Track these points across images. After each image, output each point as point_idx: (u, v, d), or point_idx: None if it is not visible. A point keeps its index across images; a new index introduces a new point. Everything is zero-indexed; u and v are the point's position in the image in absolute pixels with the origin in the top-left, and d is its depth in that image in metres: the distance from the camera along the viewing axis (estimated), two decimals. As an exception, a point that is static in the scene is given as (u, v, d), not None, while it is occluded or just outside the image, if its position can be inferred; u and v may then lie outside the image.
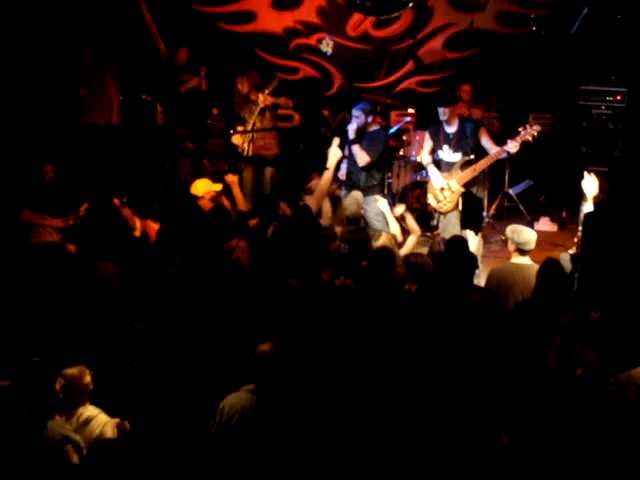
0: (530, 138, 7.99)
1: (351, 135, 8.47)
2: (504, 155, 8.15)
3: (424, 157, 8.70)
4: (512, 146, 7.97)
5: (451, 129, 8.35)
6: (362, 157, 8.46)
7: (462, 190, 8.25)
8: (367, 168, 8.51)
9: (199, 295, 6.03)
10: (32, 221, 7.95)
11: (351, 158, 8.66)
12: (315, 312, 5.81)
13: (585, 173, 6.92)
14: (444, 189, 8.32)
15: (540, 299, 5.83)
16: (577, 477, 4.53)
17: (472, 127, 8.31)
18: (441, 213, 8.44)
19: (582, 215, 6.68)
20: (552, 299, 5.71)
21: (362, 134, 8.50)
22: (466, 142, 8.26)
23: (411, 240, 7.65)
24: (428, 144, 8.63)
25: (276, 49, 12.08)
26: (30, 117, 9.83)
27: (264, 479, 4.56)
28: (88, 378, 4.93)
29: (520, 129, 8.02)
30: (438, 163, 8.51)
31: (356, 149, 8.47)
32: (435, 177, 8.41)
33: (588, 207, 6.78)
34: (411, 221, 7.90)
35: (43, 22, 10.35)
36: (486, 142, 8.24)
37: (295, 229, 7.09)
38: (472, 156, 8.24)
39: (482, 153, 8.23)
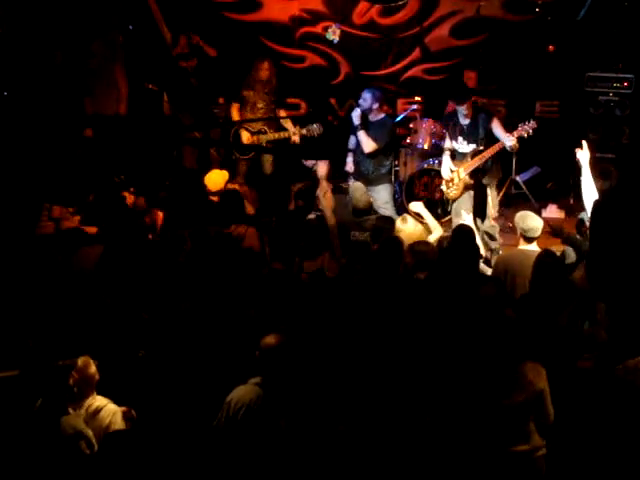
0: (525, 134, 8.14)
1: (356, 121, 8.50)
2: (505, 146, 8.17)
3: (446, 142, 8.65)
4: (509, 140, 8.02)
5: (467, 121, 8.38)
6: (368, 143, 8.49)
7: (467, 177, 8.36)
8: (374, 156, 8.54)
9: (206, 285, 6.04)
10: (63, 217, 7.93)
11: (358, 148, 8.68)
12: (323, 303, 5.82)
13: (583, 142, 7.10)
14: (452, 176, 8.46)
15: (536, 290, 5.82)
16: (585, 463, 4.55)
17: (484, 117, 8.35)
18: (448, 199, 8.61)
19: (584, 189, 6.83)
20: (548, 289, 5.69)
21: (367, 122, 8.50)
22: (477, 133, 8.32)
23: (432, 238, 7.52)
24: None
25: (282, 38, 12.05)
26: (38, 108, 9.81)
27: (271, 472, 4.57)
28: (93, 369, 4.95)
29: (520, 125, 8.12)
30: (453, 153, 8.56)
31: (361, 135, 8.50)
32: (445, 165, 8.54)
33: (586, 177, 6.84)
34: (430, 219, 7.89)
35: (51, 13, 10.33)
36: (498, 131, 8.28)
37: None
38: (482, 147, 8.29)
39: (490, 143, 8.26)
